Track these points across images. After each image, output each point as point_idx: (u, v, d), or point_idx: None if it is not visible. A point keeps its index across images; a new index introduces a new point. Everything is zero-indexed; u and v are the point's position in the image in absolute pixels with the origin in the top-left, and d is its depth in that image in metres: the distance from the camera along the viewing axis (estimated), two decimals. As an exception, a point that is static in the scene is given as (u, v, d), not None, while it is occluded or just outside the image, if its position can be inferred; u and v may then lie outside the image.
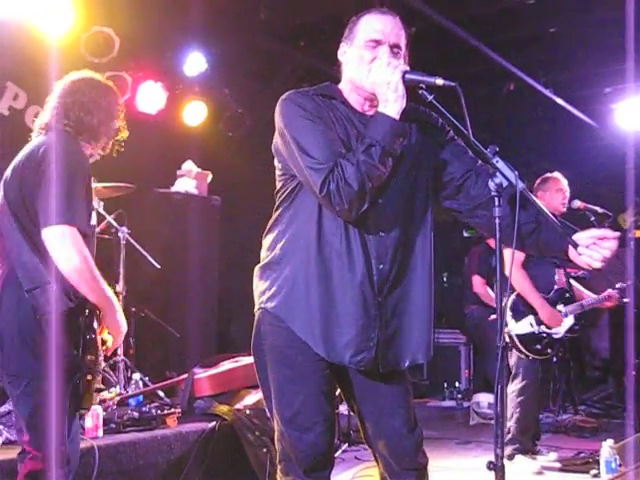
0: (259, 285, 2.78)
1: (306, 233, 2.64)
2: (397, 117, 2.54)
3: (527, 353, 5.37)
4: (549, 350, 5.48)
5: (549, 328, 5.44)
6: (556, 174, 5.70)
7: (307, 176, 2.55)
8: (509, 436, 5.40)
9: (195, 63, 7.16)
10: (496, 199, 2.49)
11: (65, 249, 2.85)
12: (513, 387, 5.46)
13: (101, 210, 5.68)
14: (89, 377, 2.94)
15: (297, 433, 2.65)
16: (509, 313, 5.38)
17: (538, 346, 5.41)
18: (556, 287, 5.60)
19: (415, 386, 8.66)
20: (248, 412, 4.78)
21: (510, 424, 5.43)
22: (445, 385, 8.82)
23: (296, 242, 2.66)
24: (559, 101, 8.32)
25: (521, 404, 5.42)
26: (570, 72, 8.17)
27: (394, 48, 2.65)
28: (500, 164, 2.49)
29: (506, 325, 5.34)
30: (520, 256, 5.13)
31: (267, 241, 2.78)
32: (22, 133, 6.28)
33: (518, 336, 5.35)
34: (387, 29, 2.65)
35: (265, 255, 2.77)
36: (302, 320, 2.62)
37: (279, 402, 2.68)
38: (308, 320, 2.62)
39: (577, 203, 5.67)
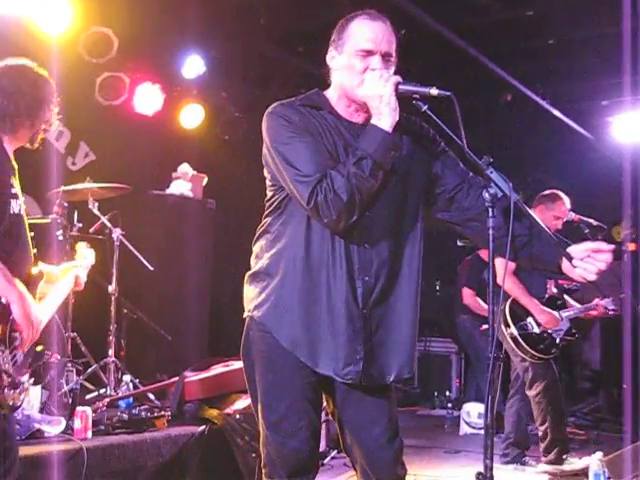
0: (248, 293, 2.78)
1: (294, 244, 2.63)
2: (390, 130, 2.53)
3: (533, 353, 5.39)
4: (553, 350, 5.50)
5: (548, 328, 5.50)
6: (565, 200, 5.66)
7: (294, 189, 2.55)
8: (547, 442, 5.48)
9: (193, 66, 7.17)
10: (490, 210, 2.49)
11: None
12: (534, 392, 5.49)
13: (95, 211, 5.68)
14: None
15: (281, 438, 2.66)
16: (509, 317, 5.42)
17: (542, 346, 5.45)
18: (547, 295, 5.63)
19: (405, 394, 8.69)
20: (238, 417, 4.76)
21: (545, 427, 5.48)
22: (435, 394, 8.80)
23: (284, 253, 2.66)
24: (556, 113, 8.35)
25: (551, 403, 5.47)
26: (567, 84, 8.20)
27: (385, 56, 2.61)
28: (494, 175, 2.49)
29: (508, 327, 5.38)
30: (511, 264, 5.18)
31: (256, 249, 2.78)
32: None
33: (522, 336, 5.39)
34: (378, 38, 2.60)
35: (254, 263, 2.78)
36: (288, 332, 2.63)
37: (265, 407, 2.69)
38: (294, 332, 2.62)
39: (572, 215, 5.68)
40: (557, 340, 5.53)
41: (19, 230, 2.90)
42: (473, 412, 7.28)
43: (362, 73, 2.60)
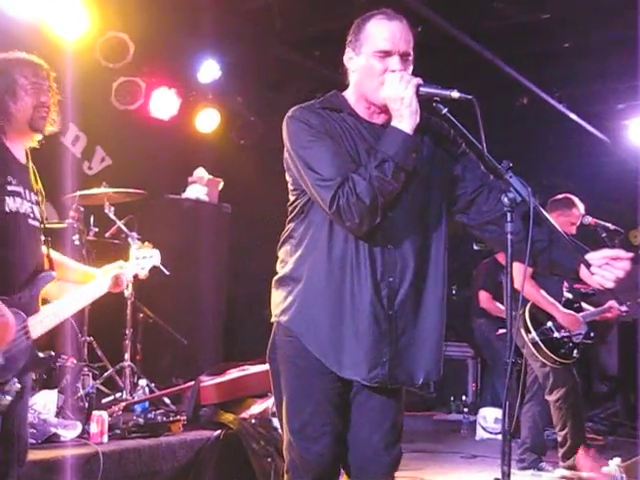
0: (275, 297, 2.77)
1: (317, 248, 2.62)
2: (411, 132, 2.52)
3: (555, 358, 5.36)
4: (574, 354, 5.47)
5: (569, 332, 5.46)
6: (580, 205, 5.61)
7: (315, 193, 2.55)
8: (566, 447, 5.45)
9: (209, 70, 7.19)
10: (509, 214, 2.47)
11: None
12: (555, 397, 5.46)
13: (112, 215, 5.69)
14: None
15: (305, 443, 2.64)
16: (529, 323, 5.39)
17: (563, 350, 5.42)
18: (564, 299, 5.61)
19: (421, 398, 8.67)
20: (253, 421, 4.75)
21: (564, 432, 5.45)
22: (452, 398, 8.77)
23: (307, 257, 2.65)
24: (572, 116, 8.31)
25: (571, 409, 5.44)
26: (584, 87, 8.17)
27: (404, 56, 2.59)
28: (513, 179, 2.47)
29: (529, 332, 5.36)
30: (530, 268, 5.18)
31: (281, 254, 2.77)
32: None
33: (543, 341, 5.36)
34: (396, 37, 2.58)
35: (280, 268, 2.77)
36: (313, 336, 2.62)
37: (289, 412, 2.68)
38: (319, 336, 2.61)
39: (588, 219, 5.63)
40: (578, 344, 5.50)
41: (16, 228, 2.84)
42: (489, 417, 7.24)
43: (381, 74, 2.57)
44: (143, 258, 3.53)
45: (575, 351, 5.48)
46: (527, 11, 6.56)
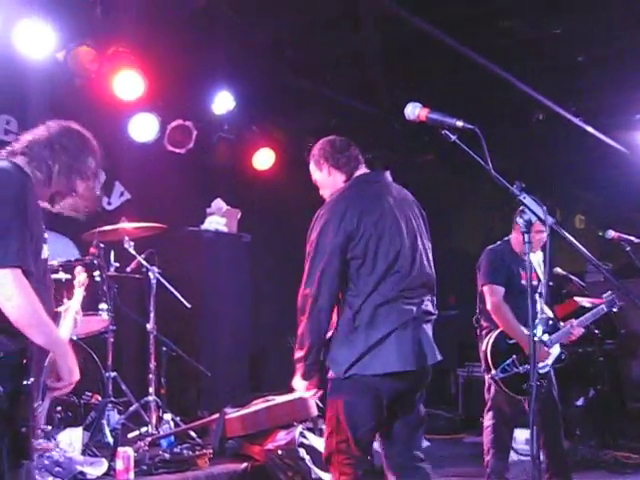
0: None
1: None
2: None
3: (512, 395, 4.94)
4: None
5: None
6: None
7: None
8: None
9: (223, 102, 7.22)
10: (526, 235, 2.45)
11: (6, 291, 2.50)
12: (487, 422, 5.26)
13: (131, 250, 5.69)
14: (23, 430, 2.52)
15: None
16: (490, 361, 4.99)
17: (524, 385, 4.80)
18: (539, 317, 5.30)
19: (450, 421, 8.54)
20: (280, 452, 4.69)
21: (487, 458, 5.20)
22: (480, 420, 8.63)
23: None
24: (589, 129, 8.26)
25: (499, 437, 5.20)
26: (599, 100, 8.13)
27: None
28: (527, 200, 2.46)
29: (489, 371, 5.01)
30: (501, 289, 4.82)
31: None
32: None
33: (502, 380, 4.96)
34: None
35: None
36: None
37: None
38: None
39: (611, 233, 5.52)
40: (543, 374, 4.94)
41: (45, 272, 2.82)
42: (520, 438, 7.09)
43: None
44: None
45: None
46: (538, 27, 6.55)
